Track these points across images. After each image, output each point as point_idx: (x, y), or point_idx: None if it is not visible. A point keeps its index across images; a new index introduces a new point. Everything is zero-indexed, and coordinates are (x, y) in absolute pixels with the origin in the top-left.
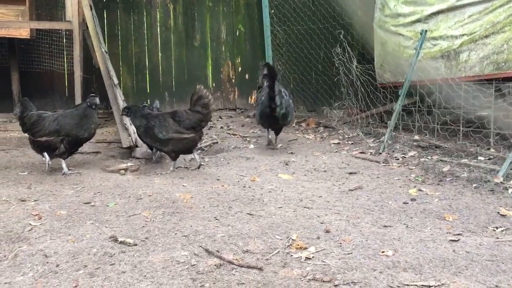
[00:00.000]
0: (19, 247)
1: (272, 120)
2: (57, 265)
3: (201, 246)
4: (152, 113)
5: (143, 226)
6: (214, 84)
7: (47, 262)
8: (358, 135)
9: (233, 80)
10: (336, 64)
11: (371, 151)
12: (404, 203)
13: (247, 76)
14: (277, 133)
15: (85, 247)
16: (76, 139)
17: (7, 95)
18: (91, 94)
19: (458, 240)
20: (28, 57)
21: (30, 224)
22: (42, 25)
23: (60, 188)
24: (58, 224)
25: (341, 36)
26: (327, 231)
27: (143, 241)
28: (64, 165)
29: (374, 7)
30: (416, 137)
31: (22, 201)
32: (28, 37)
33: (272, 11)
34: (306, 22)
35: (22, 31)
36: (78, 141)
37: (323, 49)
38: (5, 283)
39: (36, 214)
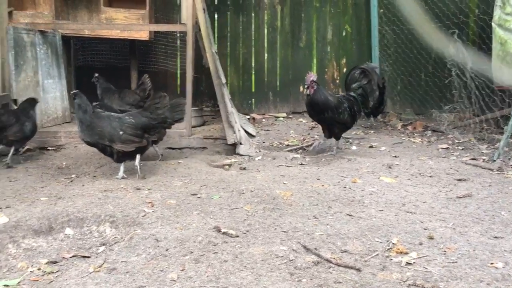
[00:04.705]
0: (134, 231)
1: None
2: (167, 249)
3: (299, 243)
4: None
5: (245, 220)
6: None
7: (158, 246)
8: (470, 140)
9: (337, 81)
10: (448, 65)
11: (484, 158)
12: None
13: None
14: None
15: (191, 235)
16: None
17: None
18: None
19: None
20: (146, 57)
21: (144, 210)
22: (160, 27)
23: (170, 180)
24: (168, 212)
25: (455, 36)
26: (431, 238)
27: (244, 233)
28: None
29: (493, 5)
30: None
31: (138, 189)
32: (147, 39)
33: (381, 10)
34: None
35: (142, 33)
36: None
37: (434, 50)
38: (122, 261)
39: (149, 202)
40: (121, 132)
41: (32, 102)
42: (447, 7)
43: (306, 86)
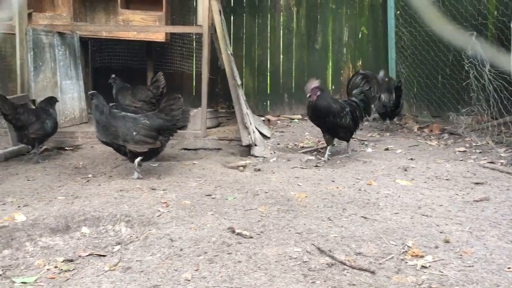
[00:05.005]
0: (149, 230)
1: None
2: (181, 249)
3: (313, 244)
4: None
5: (259, 221)
6: (333, 87)
7: (172, 246)
8: (488, 143)
9: None
10: (466, 68)
11: (502, 161)
12: None
13: None
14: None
15: (206, 236)
16: None
17: None
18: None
19: None
20: (162, 58)
21: (159, 210)
22: (176, 29)
23: (185, 180)
24: (183, 213)
25: (473, 38)
26: (447, 241)
27: (258, 234)
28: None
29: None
30: None
31: (153, 189)
32: (164, 40)
33: (398, 12)
34: None
35: (159, 35)
36: None
37: (452, 52)
38: (137, 260)
39: (164, 202)
40: (134, 133)
41: (51, 100)
42: (465, 8)
43: (308, 95)
